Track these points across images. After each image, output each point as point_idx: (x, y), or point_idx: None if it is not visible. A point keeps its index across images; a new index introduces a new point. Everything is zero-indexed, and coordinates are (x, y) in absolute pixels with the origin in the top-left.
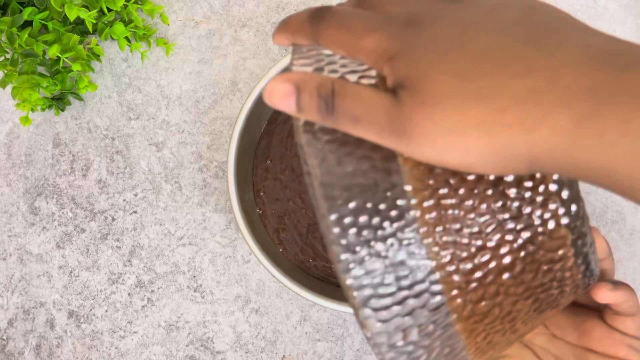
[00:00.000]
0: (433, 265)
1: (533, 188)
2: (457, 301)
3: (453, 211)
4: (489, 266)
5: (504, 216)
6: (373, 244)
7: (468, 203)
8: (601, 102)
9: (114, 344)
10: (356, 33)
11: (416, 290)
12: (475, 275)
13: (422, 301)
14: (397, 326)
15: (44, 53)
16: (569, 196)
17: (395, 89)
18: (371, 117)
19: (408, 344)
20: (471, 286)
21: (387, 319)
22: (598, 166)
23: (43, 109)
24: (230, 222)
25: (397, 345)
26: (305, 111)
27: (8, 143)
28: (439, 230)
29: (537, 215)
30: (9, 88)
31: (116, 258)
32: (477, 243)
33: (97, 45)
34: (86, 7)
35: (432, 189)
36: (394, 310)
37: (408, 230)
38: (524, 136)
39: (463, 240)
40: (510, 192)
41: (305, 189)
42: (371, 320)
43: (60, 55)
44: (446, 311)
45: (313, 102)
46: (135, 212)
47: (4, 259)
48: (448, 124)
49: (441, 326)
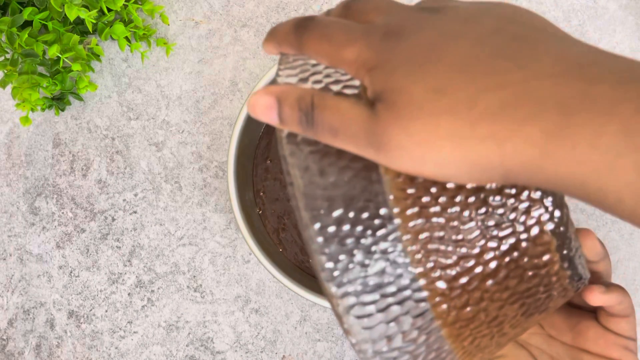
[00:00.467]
0: (417, 272)
1: (516, 195)
2: (442, 307)
3: (436, 219)
4: (473, 273)
5: (487, 223)
6: (356, 253)
7: (450, 211)
8: (572, 115)
9: (114, 344)
10: (338, 43)
11: (400, 297)
12: (459, 281)
13: (406, 308)
14: (381, 333)
15: (44, 53)
16: (553, 202)
17: (373, 101)
18: (349, 130)
19: (392, 350)
20: (455, 292)
21: (371, 326)
22: (569, 179)
23: (43, 109)
24: (230, 222)
25: (382, 351)
26: (286, 123)
27: (8, 143)
28: (422, 238)
29: (521, 221)
30: (9, 88)
31: (116, 258)
32: (461, 250)
33: (97, 45)
34: (86, 7)
35: (414, 198)
36: (378, 317)
37: (391, 238)
38: (496, 149)
39: (446, 247)
40: (492, 200)
41: None
42: (355, 327)
43: (60, 55)
44: (430, 317)
45: (294, 115)
46: (135, 212)
47: (4, 259)
48: (423, 137)
49: (426, 332)
